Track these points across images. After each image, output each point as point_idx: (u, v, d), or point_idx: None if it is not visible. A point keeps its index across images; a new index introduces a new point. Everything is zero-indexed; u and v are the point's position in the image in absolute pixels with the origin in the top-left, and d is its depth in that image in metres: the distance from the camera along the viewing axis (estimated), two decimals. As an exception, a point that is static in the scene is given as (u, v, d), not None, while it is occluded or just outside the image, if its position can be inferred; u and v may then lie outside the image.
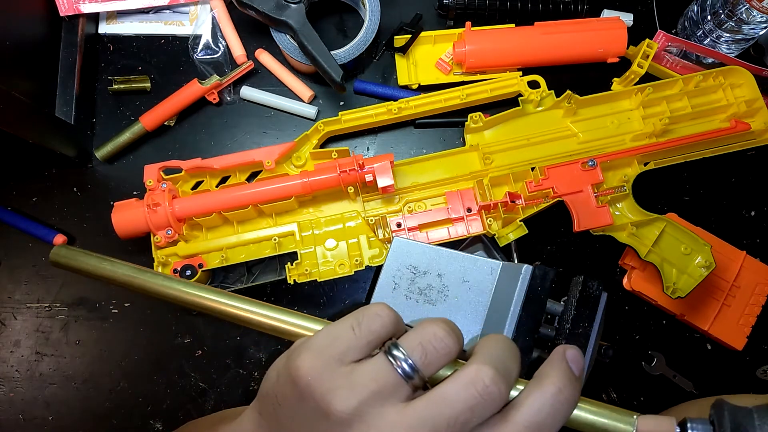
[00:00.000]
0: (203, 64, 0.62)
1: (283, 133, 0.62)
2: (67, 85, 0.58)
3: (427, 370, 0.26)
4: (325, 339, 0.27)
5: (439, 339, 0.27)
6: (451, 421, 0.25)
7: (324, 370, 0.26)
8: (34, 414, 0.56)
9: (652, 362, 0.57)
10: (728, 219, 0.60)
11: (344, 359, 0.27)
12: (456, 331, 0.28)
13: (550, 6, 0.63)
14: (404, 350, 0.26)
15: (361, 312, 0.28)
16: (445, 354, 0.27)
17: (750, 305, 0.56)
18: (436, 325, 0.27)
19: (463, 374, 0.26)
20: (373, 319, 0.28)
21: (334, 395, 0.25)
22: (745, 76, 0.58)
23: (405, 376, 0.26)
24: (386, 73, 0.63)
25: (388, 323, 0.28)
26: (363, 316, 0.28)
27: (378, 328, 0.27)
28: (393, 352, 0.26)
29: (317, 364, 0.26)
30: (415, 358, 0.26)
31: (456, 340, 0.27)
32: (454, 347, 0.27)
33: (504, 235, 0.52)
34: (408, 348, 0.26)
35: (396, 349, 0.26)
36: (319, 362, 0.26)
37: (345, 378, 0.26)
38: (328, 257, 0.53)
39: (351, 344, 0.27)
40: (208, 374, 0.57)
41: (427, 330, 0.27)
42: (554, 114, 0.58)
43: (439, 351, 0.27)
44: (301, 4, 0.56)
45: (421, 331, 0.27)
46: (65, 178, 0.60)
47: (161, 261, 0.52)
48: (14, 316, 0.58)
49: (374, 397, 0.25)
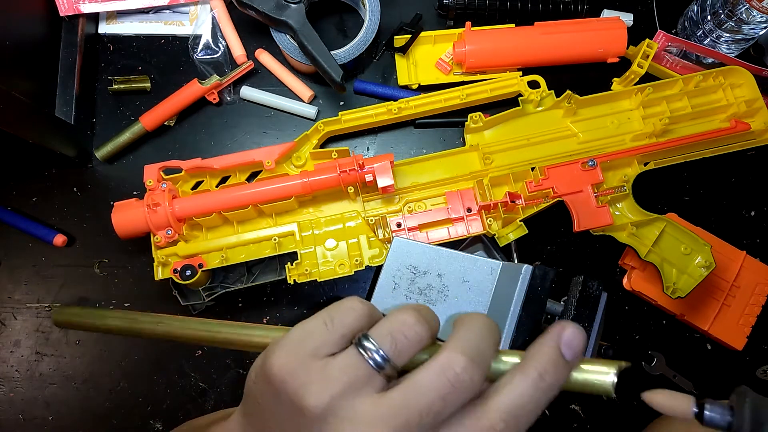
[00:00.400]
0: (203, 64, 0.62)
1: (283, 133, 0.62)
2: (67, 85, 0.58)
3: (398, 359, 0.26)
4: (298, 335, 0.27)
5: (408, 326, 0.27)
6: (424, 410, 0.24)
7: (297, 366, 0.26)
8: (34, 414, 0.56)
9: (652, 362, 0.57)
10: (728, 219, 0.60)
11: (318, 354, 0.26)
12: (427, 317, 0.28)
13: (550, 6, 0.63)
14: (374, 341, 0.26)
15: (334, 306, 0.28)
16: (416, 341, 0.27)
17: (750, 305, 0.56)
18: (406, 313, 0.27)
19: (434, 363, 0.25)
20: (345, 312, 0.28)
21: (306, 390, 0.25)
22: (745, 76, 0.58)
23: (376, 366, 0.26)
24: (386, 73, 0.63)
25: (361, 316, 0.28)
26: (336, 311, 0.28)
27: (351, 321, 0.27)
28: (363, 343, 0.26)
29: (290, 361, 0.26)
30: (386, 347, 0.26)
31: (426, 326, 0.27)
32: (425, 334, 0.27)
33: (504, 235, 0.52)
34: (378, 338, 0.26)
35: (366, 340, 0.26)
36: (292, 358, 0.26)
37: (318, 373, 0.26)
38: (328, 257, 0.53)
39: (324, 339, 0.27)
40: (208, 374, 0.57)
41: (397, 318, 0.27)
42: (554, 114, 0.58)
43: (410, 339, 0.26)
44: (301, 4, 0.56)
45: (391, 320, 0.27)
46: (65, 178, 0.60)
47: (161, 261, 0.52)
48: (14, 316, 0.58)
49: (347, 390, 0.25)
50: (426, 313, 0.28)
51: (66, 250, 0.59)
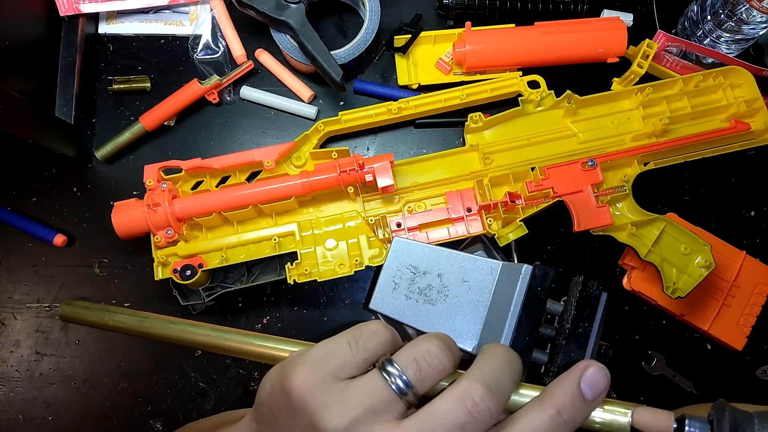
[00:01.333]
0: (203, 64, 0.62)
1: (283, 133, 0.62)
2: (66, 85, 0.58)
3: (421, 386, 0.26)
4: (320, 353, 0.27)
5: (433, 355, 0.27)
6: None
7: (318, 385, 0.26)
8: (34, 414, 0.56)
9: (652, 362, 0.57)
10: (728, 219, 0.60)
11: (339, 375, 0.26)
12: (451, 346, 0.28)
13: (549, 6, 0.63)
14: (398, 366, 0.26)
15: (358, 329, 0.28)
16: (439, 370, 0.27)
17: (750, 305, 0.56)
18: (430, 342, 0.27)
19: (454, 391, 0.25)
20: (370, 336, 0.27)
21: (326, 411, 0.25)
22: (744, 76, 0.58)
23: (399, 392, 0.26)
24: (386, 73, 0.63)
25: (385, 341, 0.28)
26: (360, 333, 0.28)
27: (374, 345, 0.27)
28: (387, 368, 0.26)
29: (311, 379, 0.26)
30: (410, 374, 0.26)
31: (450, 356, 0.27)
32: (448, 363, 0.27)
33: (504, 235, 0.52)
34: (402, 364, 0.26)
35: (390, 365, 0.26)
36: (313, 377, 0.26)
37: (338, 394, 0.26)
38: (328, 257, 0.52)
39: (347, 360, 0.27)
40: (208, 374, 0.57)
41: (422, 346, 0.27)
42: (554, 114, 0.58)
43: (434, 367, 0.26)
44: (301, 4, 0.56)
45: (416, 347, 0.27)
46: (65, 178, 0.60)
47: (161, 261, 0.52)
48: (14, 316, 0.58)
49: (367, 414, 0.25)
50: (450, 342, 0.28)
51: (66, 250, 0.59)
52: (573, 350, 0.38)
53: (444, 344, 0.27)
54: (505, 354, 0.28)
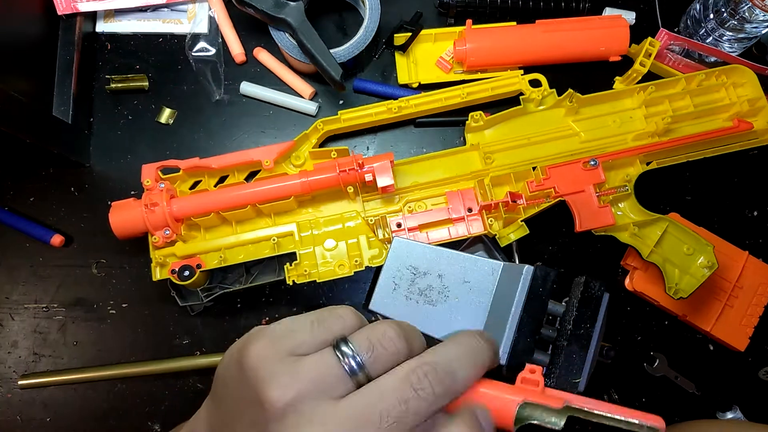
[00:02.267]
0: (198, 62, 0.61)
1: (282, 132, 0.61)
2: (64, 84, 0.58)
3: (372, 367, 0.26)
4: (281, 329, 0.27)
5: (388, 339, 0.27)
6: (384, 414, 0.24)
7: (271, 357, 0.26)
8: (32, 415, 0.55)
9: (654, 363, 0.57)
10: (731, 219, 0.60)
11: (295, 351, 0.26)
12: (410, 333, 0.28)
13: (551, 4, 0.62)
14: (353, 346, 0.26)
15: (326, 310, 0.28)
16: (393, 353, 0.27)
17: (752, 306, 0.56)
18: (388, 325, 0.27)
19: (399, 368, 0.26)
20: (335, 319, 0.28)
21: (273, 381, 0.25)
22: (747, 75, 0.57)
23: (350, 371, 0.26)
24: (386, 72, 0.63)
25: (350, 326, 0.28)
26: (326, 315, 0.28)
27: (338, 329, 0.27)
28: (341, 347, 0.26)
29: (266, 351, 0.26)
30: (363, 355, 0.26)
31: (405, 342, 0.27)
32: (403, 348, 0.27)
33: (505, 235, 0.52)
34: (357, 344, 0.26)
35: (345, 344, 0.26)
36: (268, 349, 0.26)
37: (289, 366, 0.26)
38: (327, 258, 0.52)
39: (305, 339, 0.27)
40: (206, 375, 0.56)
41: (379, 329, 0.27)
42: (556, 113, 0.57)
43: (388, 349, 0.26)
44: (300, 2, 0.55)
45: (372, 329, 0.27)
46: (63, 178, 0.60)
47: (159, 261, 0.52)
48: (12, 317, 0.57)
49: (313, 389, 0.25)
50: (409, 329, 0.28)
51: (63, 250, 0.59)
52: (574, 351, 0.38)
53: (402, 330, 0.27)
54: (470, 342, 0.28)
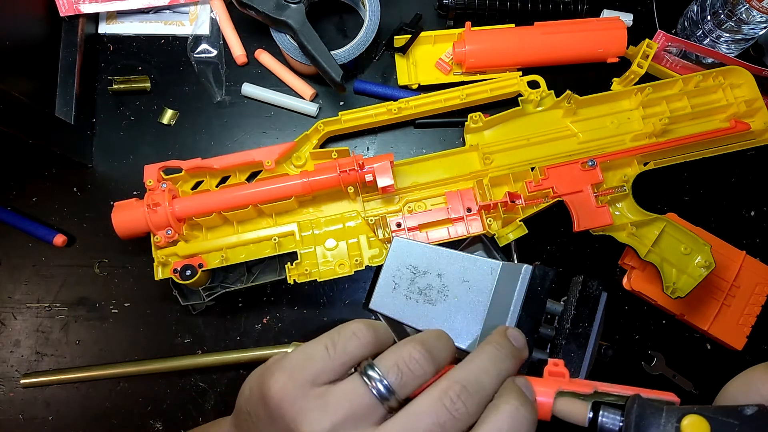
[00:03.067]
0: (200, 63, 0.62)
1: (283, 133, 0.62)
2: (67, 85, 0.58)
3: (402, 391, 0.26)
4: (298, 359, 0.27)
5: (414, 361, 0.26)
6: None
7: (296, 391, 0.26)
8: (34, 414, 0.56)
9: (652, 362, 0.57)
10: (728, 219, 0.60)
11: (317, 381, 0.26)
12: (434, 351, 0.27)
13: (549, 6, 0.63)
14: (380, 371, 0.26)
15: (337, 331, 0.28)
16: (420, 375, 0.26)
17: (750, 305, 0.56)
18: (413, 347, 0.27)
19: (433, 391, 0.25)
20: (349, 339, 0.27)
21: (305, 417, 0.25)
22: (744, 76, 0.58)
23: (380, 397, 0.26)
24: (386, 73, 0.63)
25: (366, 343, 0.27)
26: (339, 336, 0.27)
27: (353, 348, 0.27)
28: (368, 372, 0.26)
29: (288, 386, 0.26)
30: (391, 379, 0.26)
31: (432, 362, 0.27)
32: (429, 369, 0.27)
33: (504, 235, 0.52)
34: (384, 369, 0.26)
35: (372, 369, 0.26)
36: (291, 383, 0.26)
37: (317, 400, 0.25)
38: (328, 257, 0.53)
39: (325, 365, 0.26)
40: (208, 374, 0.57)
41: (404, 350, 0.27)
42: (554, 114, 0.58)
43: (415, 372, 0.26)
44: (301, 4, 0.56)
45: (398, 352, 0.27)
46: (65, 178, 0.60)
47: (161, 261, 0.52)
48: (14, 316, 0.58)
49: (348, 420, 0.25)
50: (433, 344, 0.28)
51: (66, 250, 0.59)
52: (573, 350, 0.38)
53: (426, 350, 0.27)
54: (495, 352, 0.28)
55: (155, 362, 0.55)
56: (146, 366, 0.55)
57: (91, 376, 0.55)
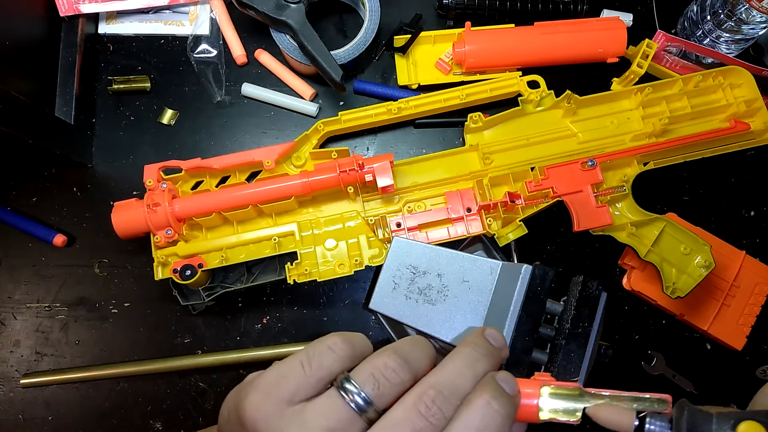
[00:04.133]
0: (202, 63, 0.62)
1: (283, 133, 0.62)
2: (66, 85, 0.58)
3: (380, 401, 0.26)
4: (273, 377, 0.27)
5: (390, 370, 0.26)
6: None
7: (271, 412, 0.25)
8: (34, 414, 0.56)
9: (652, 362, 0.57)
10: (728, 219, 0.60)
11: (294, 399, 0.26)
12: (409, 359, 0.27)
13: (549, 6, 0.63)
14: (356, 383, 0.26)
15: (312, 346, 0.27)
16: (397, 384, 0.26)
17: (750, 305, 0.56)
18: (387, 356, 0.27)
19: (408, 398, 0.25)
20: (324, 353, 0.27)
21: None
22: (744, 76, 0.58)
23: (358, 410, 0.25)
24: (386, 73, 0.63)
25: (342, 357, 0.27)
26: (314, 351, 0.27)
27: (329, 362, 0.27)
28: (345, 386, 0.26)
29: (264, 406, 0.26)
30: (368, 390, 0.26)
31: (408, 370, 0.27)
32: (407, 377, 0.26)
33: (504, 235, 0.52)
34: (360, 381, 0.26)
35: (348, 382, 0.26)
36: (266, 403, 0.26)
37: (294, 418, 0.25)
38: (327, 257, 0.53)
39: (300, 383, 0.26)
40: (208, 374, 0.57)
41: (379, 361, 0.27)
42: (554, 114, 0.58)
43: (392, 381, 0.26)
44: (301, 4, 0.56)
45: (373, 362, 0.27)
46: (65, 178, 0.60)
47: (161, 261, 0.52)
48: (14, 316, 0.58)
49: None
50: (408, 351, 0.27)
51: (66, 250, 0.59)
52: (573, 350, 0.38)
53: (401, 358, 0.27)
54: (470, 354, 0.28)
55: (155, 362, 0.55)
56: (146, 366, 0.55)
57: (91, 376, 0.55)
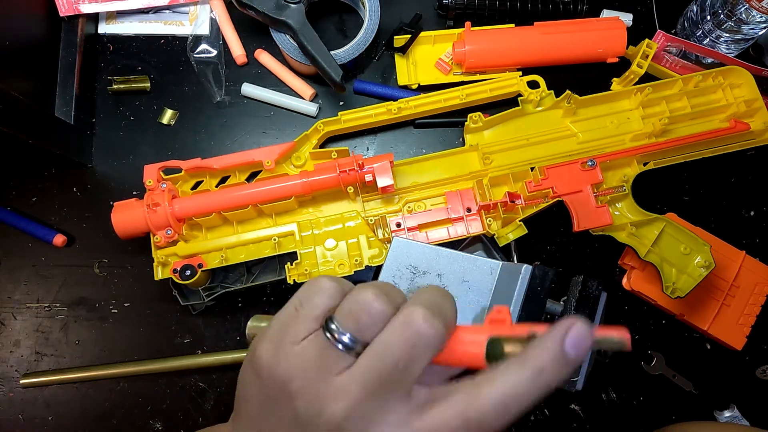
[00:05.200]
0: (201, 63, 0.62)
1: (283, 133, 0.62)
2: (66, 85, 0.58)
3: (364, 336, 0.26)
4: (274, 326, 0.28)
5: (369, 304, 0.26)
6: (395, 366, 0.25)
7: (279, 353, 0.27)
8: (34, 414, 0.56)
9: (652, 362, 0.57)
10: (728, 219, 0.60)
11: (296, 339, 0.27)
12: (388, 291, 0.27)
13: (549, 6, 0.63)
14: (338, 323, 0.26)
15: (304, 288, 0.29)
16: (379, 317, 0.26)
17: (749, 305, 0.56)
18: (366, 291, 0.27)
19: (396, 319, 0.26)
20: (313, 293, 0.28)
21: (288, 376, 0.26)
22: (744, 76, 0.58)
23: (345, 348, 0.26)
24: (386, 73, 0.63)
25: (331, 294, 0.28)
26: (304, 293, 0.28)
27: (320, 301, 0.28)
28: (329, 326, 0.27)
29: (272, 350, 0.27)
30: (350, 328, 0.26)
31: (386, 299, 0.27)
32: (388, 308, 0.27)
33: (503, 235, 0.52)
34: (340, 320, 0.26)
35: (331, 322, 0.27)
36: (273, 348, 0.27)
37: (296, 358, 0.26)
38: (327, 257, 0.53)
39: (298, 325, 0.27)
40: (208, 374, 0.57)
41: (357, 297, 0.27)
42: (554, 114, 0.58)
43: (373, 316, 0.26)
44: (301, 4, 0.56)
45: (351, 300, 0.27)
46: (65, 178, 0.60)
47: (161, 261, 0.52)
48: (14, 316, 0.58)
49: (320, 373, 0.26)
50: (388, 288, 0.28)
51: (66, 250, 0.59)
52: (573, 350, 0.38)
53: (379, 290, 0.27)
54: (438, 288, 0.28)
55: (155, 362, 0.55)
56: (146, 366, 0.55)
57: (91, 376, 0.55)
